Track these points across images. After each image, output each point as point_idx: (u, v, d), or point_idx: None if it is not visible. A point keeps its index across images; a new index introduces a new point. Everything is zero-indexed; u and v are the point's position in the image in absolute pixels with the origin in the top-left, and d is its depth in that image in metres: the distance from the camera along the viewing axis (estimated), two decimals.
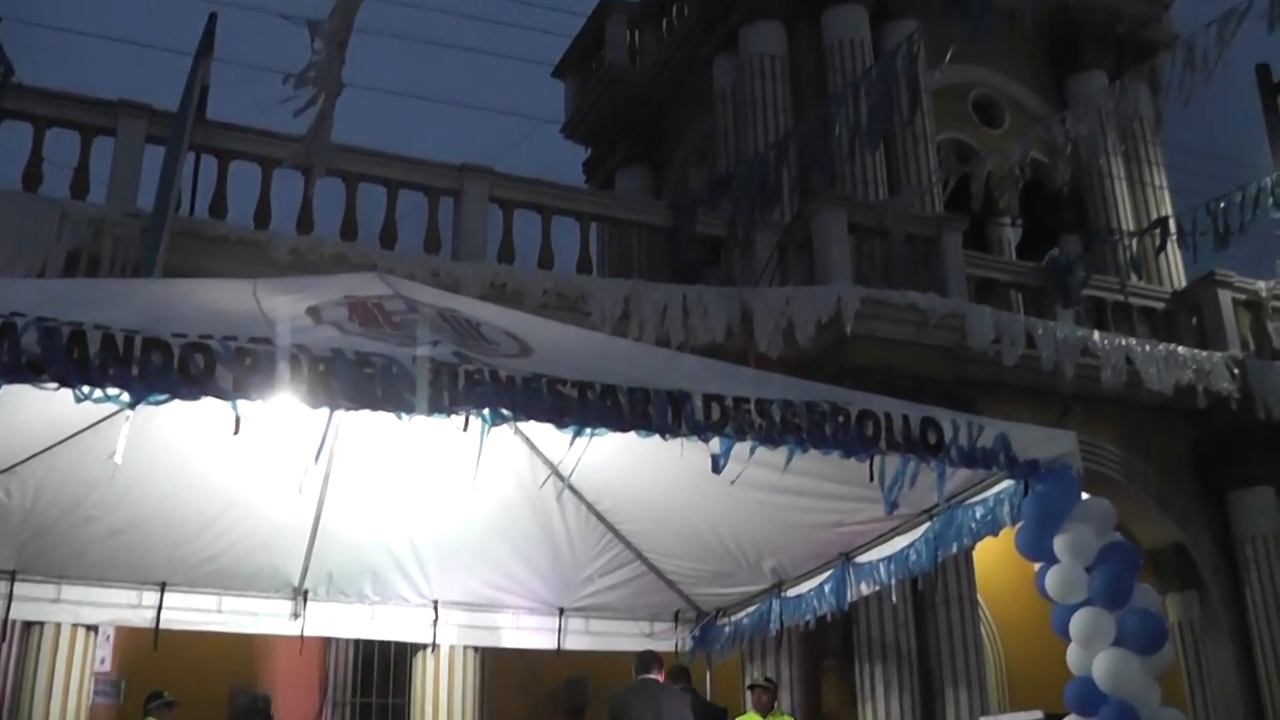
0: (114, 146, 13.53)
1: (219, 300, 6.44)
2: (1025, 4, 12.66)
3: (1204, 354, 16.87)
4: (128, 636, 12.27)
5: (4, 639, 10.87)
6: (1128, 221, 19.90)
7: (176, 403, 5.01)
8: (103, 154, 13.49)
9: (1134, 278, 18.04)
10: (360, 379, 5.15)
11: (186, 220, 13.16)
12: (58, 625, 11.37)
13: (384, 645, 13.52)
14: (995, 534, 6.98)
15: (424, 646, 11.63)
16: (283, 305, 6.21)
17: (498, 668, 13.40)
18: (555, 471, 8.21)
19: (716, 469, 5.79)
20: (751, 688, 12.27)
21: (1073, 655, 6.38)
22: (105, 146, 13.52)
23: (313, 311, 6.16)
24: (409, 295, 6.88)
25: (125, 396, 4.92)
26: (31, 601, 8.96)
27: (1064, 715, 6.53)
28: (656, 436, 5.60)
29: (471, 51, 15.85)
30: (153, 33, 15.30)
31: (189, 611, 9.32)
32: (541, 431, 6.32)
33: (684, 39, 22.30)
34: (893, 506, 6.40)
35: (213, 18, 13.86)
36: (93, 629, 11.79)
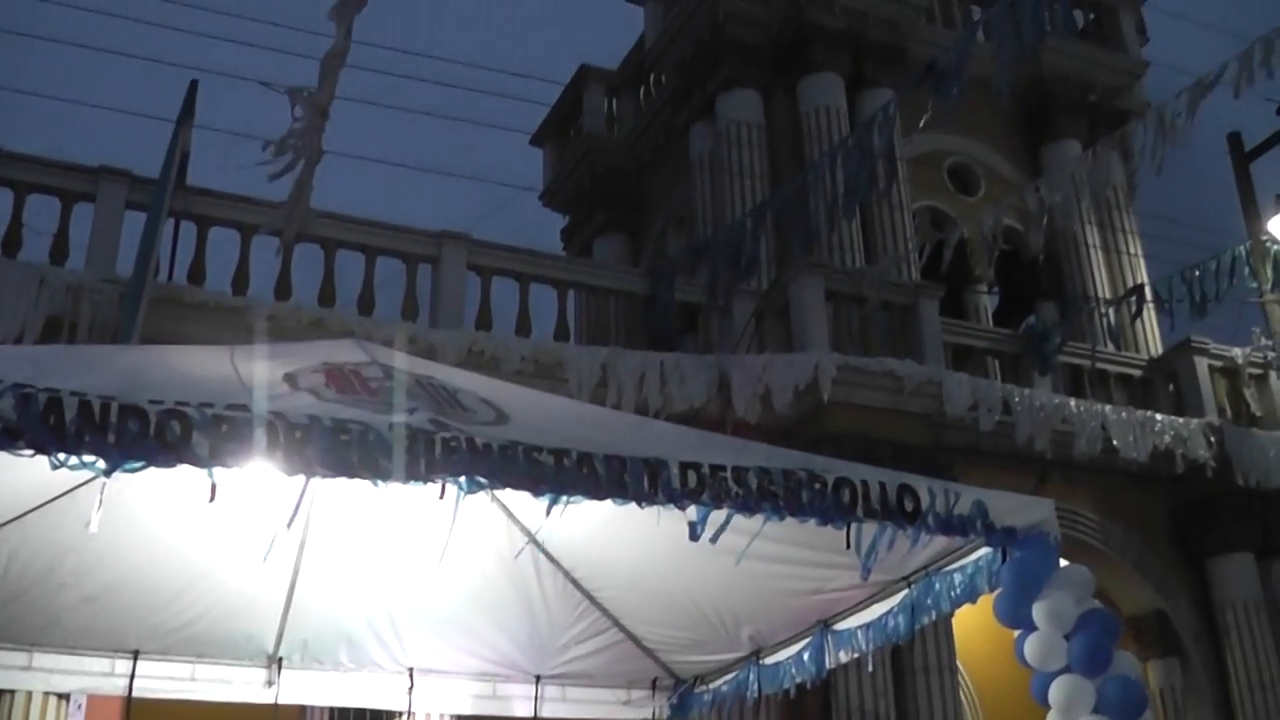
0: (94, 212, 13.55)
1: (196, 367, 6.43)
2: (1001, 78, 12.78)
3: (1180, 421, 16.95)
4: (101, 705, 12.13)
5: None
6: (1104, 289, 20.06)
7: (152, 469, 4.99)
8: (83, 220, 13.50)
9: (1110, 345, 18.14)
10: (336, 446, 5.14)
11: (165, 286, 13.17)
12: (29, 694, 11.25)
13: (359, 713, 13.40)
14: (974, 601, 6.97)
15: (399, 714, 11.54)
16: (260, 372, 6.21)
17: None
18: (531, 538, 8.19)
19: (694, 536, 5.79)
20: None
21: None
22: (86, 212, 13.54)
23: (290, 378, 6.16)
24: (386, 362, 6.88)
25: (101, 464, 4.89)
26: (2, 670, 8.86)
27: None
28: (633, 504, 5.60)
29: (450, 119, 15.96)
30: (135, 99, 15.37)
31: (163, 680, 9.21)
32: (518, 498, 6.31)
33: (661, 107, 22.52)
34: (868, 573, 6.40)
35: (194, 85, 13.93)
36: (65, 697, 11.66)
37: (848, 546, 6.17)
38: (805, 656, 8.54)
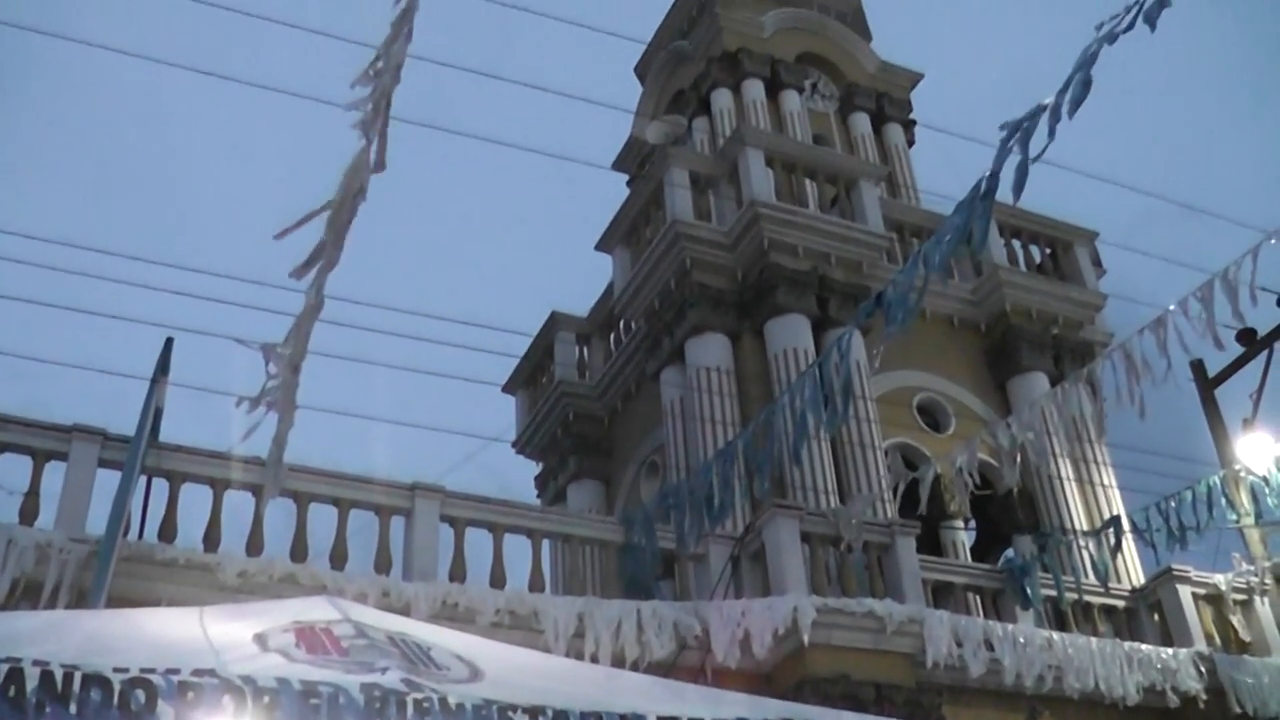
0: (66, 471, 13.48)
1: (165, 629, 6.34)
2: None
3: (1169, 652, 16.76)
4: None
5: None
6: (1080, 521, 20.08)
7: None
8: (55, 477, 13.41)
9: (1092, 577, 18.05)
10: (305, 710, 5.05)
11: (135, 544, 13.03)
12: None
13: None
14: None
15: None
16: (229, 633, 6.13)
17: None
18: None
19: None
20: None
21: None
22: (57, 470, 13.46)
23: (259, 639, 6.08)
24: (358, 619, 6.81)
25: None
26: None
27: None
28: None
29: (420, 373, 16.11)
30: (108, 356, 15.49)
31: None
32: None
33: (631, 353, 22.79)
34: None
35: (169, 342, 14.03)
36: None
37: None
38: None
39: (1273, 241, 13.67)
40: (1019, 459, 16.41)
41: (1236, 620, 18.04)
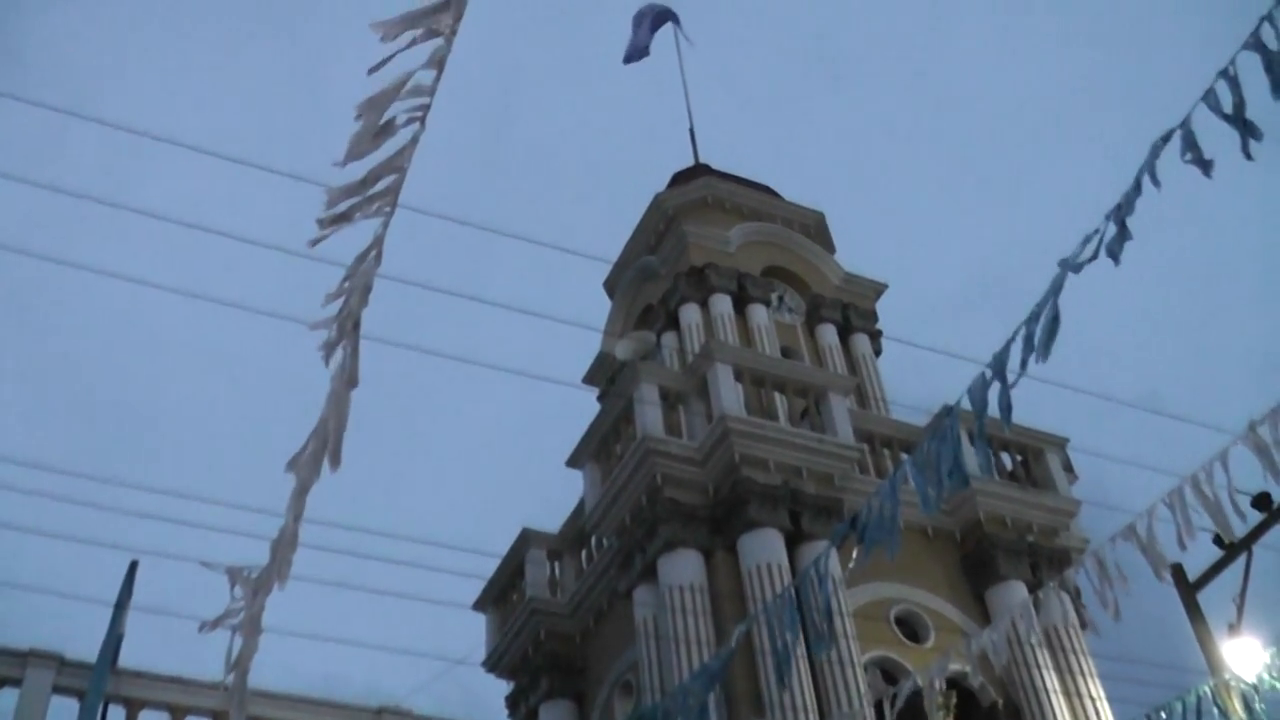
0: (19, 697, 13.10)
1: None
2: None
3: None
4: None
5: None
6: None
7: None
8: (7, 702, 13.04)
9: None
10: None
11: None
12: None
13: None
14: None
15: None
16: None
17: None
18: None
19: None
20: None
21: None
22: (11, 695, 13.08)
23: None
24: None
25: None
26: None
27: None
28: None
29: (389, 595, 15.84)
30: (68, 576, 15.21)
31: None
32: None
33: (603, 571, 22.53)
34: None
35: (133, 566, 13.81)
36: None
37: None
38: None
39: (1241, 445, 13.69)
40: (1000, 670, 16.15)
41: None
